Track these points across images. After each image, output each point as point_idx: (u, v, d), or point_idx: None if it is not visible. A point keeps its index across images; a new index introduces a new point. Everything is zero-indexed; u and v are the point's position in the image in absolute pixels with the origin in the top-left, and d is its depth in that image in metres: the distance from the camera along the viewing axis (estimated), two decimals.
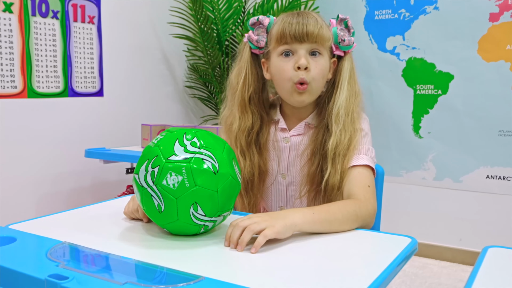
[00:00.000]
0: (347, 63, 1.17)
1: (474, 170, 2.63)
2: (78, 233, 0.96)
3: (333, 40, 1.15)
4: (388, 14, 2.80)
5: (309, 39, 1.10)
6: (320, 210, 0.97)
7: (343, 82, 1.15)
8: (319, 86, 1.14)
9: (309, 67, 1.10)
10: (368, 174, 1.12)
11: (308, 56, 1.11)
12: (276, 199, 1.24)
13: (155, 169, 0.88)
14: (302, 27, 1.10)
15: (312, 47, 1.11)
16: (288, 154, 1.20)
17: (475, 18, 2.54)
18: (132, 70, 2.84)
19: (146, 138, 2.26)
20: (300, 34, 1.10)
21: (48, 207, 2.43)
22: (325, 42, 1.12)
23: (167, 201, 0.87)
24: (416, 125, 2.77)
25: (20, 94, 2.28)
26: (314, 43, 1.11)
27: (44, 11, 2.34)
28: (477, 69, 2.57)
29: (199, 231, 0.93)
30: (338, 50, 1.16)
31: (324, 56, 1.13)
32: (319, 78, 1.12)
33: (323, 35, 1.11)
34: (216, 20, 2.92)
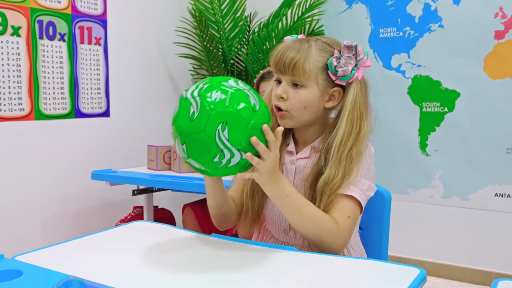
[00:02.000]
0: (350, 93, 1.15)
1: (482, 188, 2.61)
2: (85, 265, 0.96)
3: (329, 69, 1.14)
4: (393, 32, 2.81)
5: (287, 72, 1.13)
6: (299, 200, 1.06)
7: (343, 114, 1.14)
8: (301, 115, 1.15)
9: (285, 97, 1.13)
10: (351, 206, 1.11)
11: (290, 86, 1.14)
12: (279, 221, 1.23)
13: (205, 85, 0.97)
14: (281, 60, 1.13)
15: (292, 79, 1.13)
16: (293, 177, 1.20)
17: (480, 35, 2.54)
18: (138, 90, 2.85)
19: (152, 159, 2.27)
20: (279, 67, 1.14)
21: (55, 228, 2.43)
22: (304, 74, 1.12)
23: (203, 110, 0.93)
24: (423, 143, 2.76)
25: (27, 117, 2.29)
26: (292, 75, 1.13)
27: (51, 34, 2.36)
28: (483, 86, 2.56)
29: (214, 156, 0.94)
30: (338, 80, 1.15)
31: (308, 87, 1.13)
32: (298, 108, 1.13)
33: (300, 68, 1.11)
34: (221, 39, 2.94)
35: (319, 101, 1.15)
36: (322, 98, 1.15)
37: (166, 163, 2.25)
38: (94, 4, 2.55)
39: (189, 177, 1.97)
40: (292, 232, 1.21)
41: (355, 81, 1.15)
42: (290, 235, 1.21)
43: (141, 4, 2.82)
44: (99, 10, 2.58)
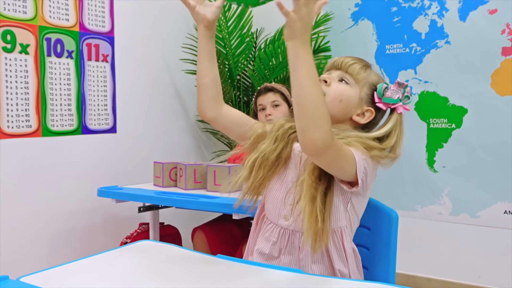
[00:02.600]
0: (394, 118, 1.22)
1: (491, 205, 2.58)
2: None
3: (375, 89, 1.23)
4: (399, 48, 2.81)
5: (342, 68, 1.24)
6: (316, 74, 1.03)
7: (382, 129, 1.21)
8: (332, 105, 1.20)
9: (328, 82, 1.22)
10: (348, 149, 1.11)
11: (336, 80, 1.24)
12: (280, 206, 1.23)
13: None
14: (342, 60, 1.26)
15: (342, 75, 1.24)
16: (299, 162, 1.23)
17: (487, 52, 2.54)
18: (145, 105, 2.86)
19: (158, 176, 2.26)
20: (337, 63, 1.26)
21: (61, 245, 2.43)
22: (356, 75, 1.22)
23: None
24: (431, 159, 2.74)
25: (35, 133, 2.30)
26: (346, 72, 1.23)
27: (59, 51, 2.38)
28: (491, 103, 2.54)
29: None
30: (381, 102, 1.22)
31: (351, 87, 1.23)
32: (334, 96, 1.21)
33: (355, 70, 1.23)
34: (227, 55, 2.95)
35: (352, 106, 1.23)
36: (355, 106, 1.23)
37: (172, 180, 2.24)
38: (102, 22, 2.58)
39: (195, 195, 1.96)
40: (293, 217, 1.20)
41: (395, 113, 1.23)
42: (291, 220, 1.21)
43: (148, 22, 2.85)
44: (107, 28, 2.60)
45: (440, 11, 2.66)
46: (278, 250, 1.22)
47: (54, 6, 2.35)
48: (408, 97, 1.23)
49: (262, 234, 1.27)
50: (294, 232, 1.21)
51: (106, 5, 2.60)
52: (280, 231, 1.22)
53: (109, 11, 2.62)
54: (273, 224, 1.24)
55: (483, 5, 2.54)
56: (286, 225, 1.22)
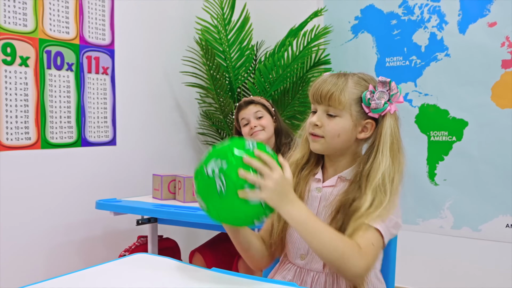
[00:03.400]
0: (386, 126, 1.18)
1: (493, 219, 2.55)
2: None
3: (362, 102, 1.19)
4: (399, 61, 2.81)
5: (323, 102, 1.19)
6: (318, 224, 1.05)
7: (384, 147, 1.17)
8: (334, 142, 1.19)
9: (319, 124, 1.19)
10: (376, 236, 1.10)
11: (325, 116, 1.19)
12: (298, 245, 1.24)
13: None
14: (318, 91, 1.19)
15: (327, 109, 1.19)
16: (318, 204, 1.23)
17: (487, 64, 2.53)
18: (145, 118, 2.87)
19: (157, 189, 2.25)
20: (316, 97, 1.20)
21: (60, 257, 2.41)
22: (339, 105, 1.17)
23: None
24: (431, 172, 2.72)
25: (34, 145, 2.30)
26: (328, 106, 1.18)
27: (59, 64, 2.39)
28: (491, 115, 2.53)
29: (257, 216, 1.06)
30: (371, 113, 1.19)
31: (342, 117, 1.18)
32: (332, 135, 1.18)
33: (336, 99, 1.17)
34: (228, 68, 2.96)
35: (351, 131, 1.19)
36: (355, 128, 1.19)
37: (171, 193, 2.23)
38: (102, 35, 2.59)
39: (193, 207, 1.95)
40: (310, 257, 1.21)
41: (388, 115, 1.19)
42: (307, 259, 1.21)
43: (148, 34, 2.86)
44: (107, 40, 2.62)
45: (439, 24, 2.67)
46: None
47: (55, 19, 2.37)
48: (396, 92, 1.18)
49: (279, 274, 1.27)
50: (308, 272, 1.21)
51: (107, 18, 2.61)
52: (297, 270, 1.23)
53: (110, 24, 2.63)
54: (291, 264, 1.26)
55: (482, 18, 2.54)
56: (302, 264, 1.22)
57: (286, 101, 2.97)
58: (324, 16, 2.98)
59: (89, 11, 2.52)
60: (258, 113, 2.18)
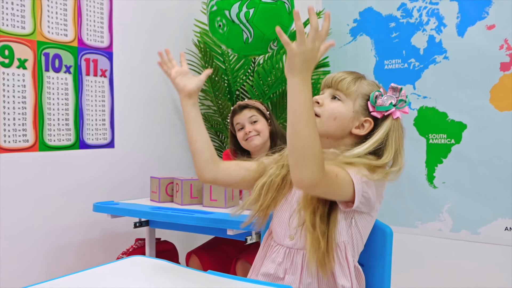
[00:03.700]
0: (384, 125, 1.21)
1: (492, 222, 2.54)
2: None
3: (368, 99, 1.22)
4: (397, 64, 2.81)
5: (333, 85, 1.24)
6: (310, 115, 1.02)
7: (371, 141, 1.18)
8: (328, 123, 1.21)
9: (320, 102, 1.23)
10: (344, 175, 1.10)
11: (329, 98, 1.24)
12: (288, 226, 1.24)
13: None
14: (332, 75, 1.26)
15: (334, 92, 1.24)
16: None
17: (486, 67, 2.53)
18: (144, 120, 2.86)
19: (154, 191, 2.25)
20: (328, 81, 1.26)
21: (58, 260, 2.41)
22: (346, 90, 1.21)
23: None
24: (430, 175, 2.72)
25: (32, 148, 2.30)
26: (336, 89, 1.23)
27: (57, 66, 2.39)
28: (490, 118, 2.53)
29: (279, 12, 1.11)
30: (375, 111, 1.21)
31: (344, 103, 1.22)
32: (328, 115, 1.21)
33: (345, 85, 1.22)
34: (226, 70, 2.95)
35: (348, 121, 1.21)
36: (352, 120, 1.22)
37: (168, 195, 2.23)
38: (101, 37, 2.59)
39: (191, 210, 1.94)
40: (298, 236, 1.20)
41: (390, 119, 1.22)
42: (296, 239, 1.21)
43: (147, 37, 2.86)
44: (105, 43, 2.62)
45: (438, 27, 2.67)
46: (283, 271, 1.22)
47: (53, 21, 2.37)
48: (404, 100, 1.22)
49: (268, 257, 1.27)
50: (298, 251, 1.21)
51: (105, 20, 2.61)
52: (286, 251, 1.23)
53: (108, 26, 2.63)
54: (279, 246, 1.25)
55: (481, 20, 2.54)
56: (291, 244, 1.22)
57: (285, 104, 2.96)
58: (323, 18, 2.97)
59: (88, 13, 2.52)
60: (252, 118, 2.17)
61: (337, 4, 2.99)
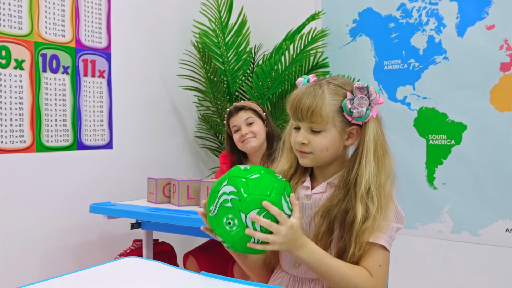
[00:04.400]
0: (370, 131, 1.16)
1: (493, 223, 2.52)
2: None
3: (343, 111, 1.16)
4: (397, 64, 2.79)
5: (305, 119, 1.16)
6: (329, 262, 1.07)
7: (368, 154, 1.15)
8: (324, 155, 1.18)
9: (306, 142, 1.17)
10: (382, 254, 1.11)
11: (309, 132, 1.17)
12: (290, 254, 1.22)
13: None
14: (298, 108, 1.16)
15: (311, 126, 1.16)
16: (310, 211, 1.20)
17: (486, 68, 2.51)
18: (142, 121, 2.85)
19: (152, 192, 2.23)
20: (297, 115, 1.17)
21: (55, 262, 2.39)
22: (322, 121, 1.15)
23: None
24: (430, 176, 2.70)
25: (29, 149, 2.29)
26: (311, 122, 1.15)
27: (54, 67, 2.38)
28: (490, 119, 2.51)
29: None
30: (354, 121, 1.17)
31: (326, 131, 1.16)
32: (320, 150, 1.17)
33: (317, 115, 1.14)
34: (225, 71, 2.94)
35: (339, 142, 1.18)
36: (341, 138, 1.18)
37: (165, 196, 2.21)
38: (99, 38, 2.58)
39: (187, 211, 1.93)
40: (302, 265, 1.18)
41: (371, 120, 1.17)
42: (302, 268, 1.19)
43: (145, 37, 2.85)
44: (103, 44, 2.61)
45: (437, 27, 2.65)
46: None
47: (50, 22, 2.36)
48: (375, 96, 1.16)
49: (273, 281, 1.26)
50: (303, 280, 1.19)
51: (103, 21, 2.61)
52: (290, 279, 1.21)
53: (106, 27, 2.62)
54: (284, 273, 1.24)
55: (480, 21, 2.52)
56: (296, 273, 1.20)
57: (284, 105, 2.95)
58: (322, 19, 2.97)
59: (85, 14, 2.52)
60: (249, 120, 2.15)
61: (336, 5, 2.97)
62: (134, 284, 1.07)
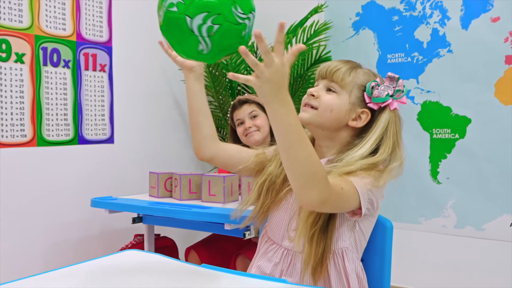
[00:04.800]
0: (383, 120, 1.16)
1: (497, 218, 2.50)
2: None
3: (365, 90, 1.18)
4: (401, 58, 2.76)
5: (328, 76, 1.19)
6: (301, 135, 0.94)
7: (372, 137, 1.14)
8: (325, 116, 1.17)
9: (316, 95, 1.18)
10: (350, 186, 1.05)
11: (324, 89, 1.19)
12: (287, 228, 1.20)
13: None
14: (327, 66, 1.21)
15: (329, 84, 1.19)
16: None
17: (491, 60, 2.48)
18: (144, 116, 2.84)
19: (153, 187, 2.22)
20: (323, 72, 1.21)
21: (56, 257, 2.39)
22: (341, 82, 1.17)
23: None
24: (434, 170, 2.68)
25: (30, 143, 2.28)
26: (331, 81, 1.18)
27: (55, 61, 2.37)
28: (495, 112, 2.48)
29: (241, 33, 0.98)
30: (372, 103, 1.17)
31: (340, 95, 1.17)
32: (325, 107, 1.17)
33: (340, 75, 1.17)
34: (227, 65, 2.92)
35: (345, 114, 1.17)
36: (349, 112, 1.17)
37: (167, 190, 2.20)
38: (100, 32, 2.57)
39: (189, 205, 1.92)
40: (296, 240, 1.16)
41: (387, 110, 1.17)
42: (294, 242, 1.17)
43: (147, 31, 2.83)
44: (105, 37, 2.59)
45: (441, 20, 2.62)
46: (279, 271, 1.19)
47: (51, 15, 2.35)
48: (401, 90, 1.18)
49: (264, 254, 1.24)
50: (297, 254, 1.17)
51: (104, 14, 2.59)
52: (284, 252, 1.19)
53: (107, 20, 2.61)
54: (276, 245, 1.22)
55: (485, 13, 2.49)
56: (290, 246, 1.18)
57: None
58: (325, 12, 2.94)
59: (86, 7, 2.50)
60: (253, 113, 2.14)
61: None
62: (134, 277, 1.05)
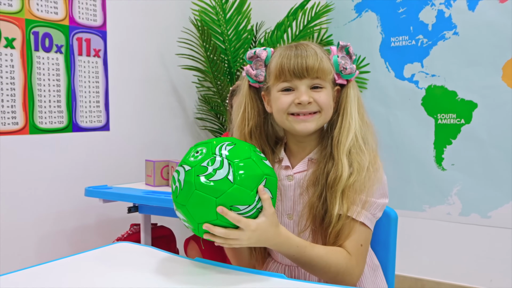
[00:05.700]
0: (353, 90, 1.10)
1: (503, 205, 2.44)
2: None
3: (334, 69, 1.08)
4: (405, 41, 2.68)
5: (309, 75, 1.04)
6: (308, 253, 1.00)
7: (352, 109, 1.08)
8: (329, 114, 1.09)
9: (312, 101, 1.05)
10: (364, 232, 1.05)
11: (310, 91, 1.06)
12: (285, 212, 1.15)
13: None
14: (301, 62, 1.04)
15: (313, 82, 1.06)
16: (293, 193, 1.11)
17: (498, 43, 2.40)
18: (140, 103, 2.77)
19: (149, 175, 2.16)
20: (300, 70, 1.04)
21: (51, 246, 2.33)
22: (326, 75, 1.06)
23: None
24: (439, 157, 2.61)
25: (22, 131, 2.21)
26: (316, 78, 1.05)
27: (47, 46, 2.29)
28: (502, 97, 2.40)
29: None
30: (341, 79, 1.10)
31: (326, 88, 1.07)
32: (327, 107, 1.07)
33: (324, 69, 1.05)
34: (226, 50, 2.84)
35: (332, 102, 1.10)
36: (333, 97, 1.10)
37: (164, 179, 2.14)
38: (93, 16, 2.48)
39: None
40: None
41: (352, 82, 1.12)
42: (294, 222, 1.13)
43: (143, 15, 2.75)
44: (99, 22, 2.51)
45: (447, 1, 2.53)
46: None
47: None
48: (356, 59, 1.12)
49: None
50: (299, 269, 1.12)
51: None
52: (285, 268, 1.14)
53: (101, 4, 2.52)
54: (278, 263, 1.16)
55: None
56: (291, 262, 1.11)
57: None
58: None
59: None
60: None
61: None
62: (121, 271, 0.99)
